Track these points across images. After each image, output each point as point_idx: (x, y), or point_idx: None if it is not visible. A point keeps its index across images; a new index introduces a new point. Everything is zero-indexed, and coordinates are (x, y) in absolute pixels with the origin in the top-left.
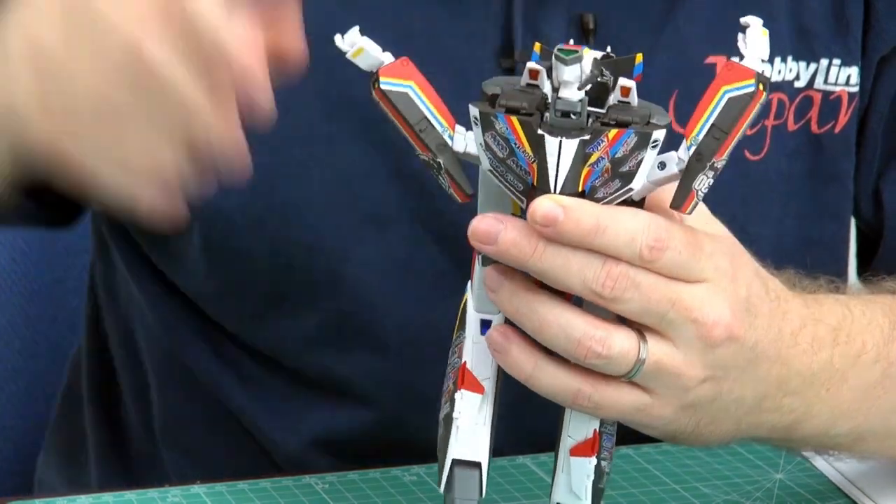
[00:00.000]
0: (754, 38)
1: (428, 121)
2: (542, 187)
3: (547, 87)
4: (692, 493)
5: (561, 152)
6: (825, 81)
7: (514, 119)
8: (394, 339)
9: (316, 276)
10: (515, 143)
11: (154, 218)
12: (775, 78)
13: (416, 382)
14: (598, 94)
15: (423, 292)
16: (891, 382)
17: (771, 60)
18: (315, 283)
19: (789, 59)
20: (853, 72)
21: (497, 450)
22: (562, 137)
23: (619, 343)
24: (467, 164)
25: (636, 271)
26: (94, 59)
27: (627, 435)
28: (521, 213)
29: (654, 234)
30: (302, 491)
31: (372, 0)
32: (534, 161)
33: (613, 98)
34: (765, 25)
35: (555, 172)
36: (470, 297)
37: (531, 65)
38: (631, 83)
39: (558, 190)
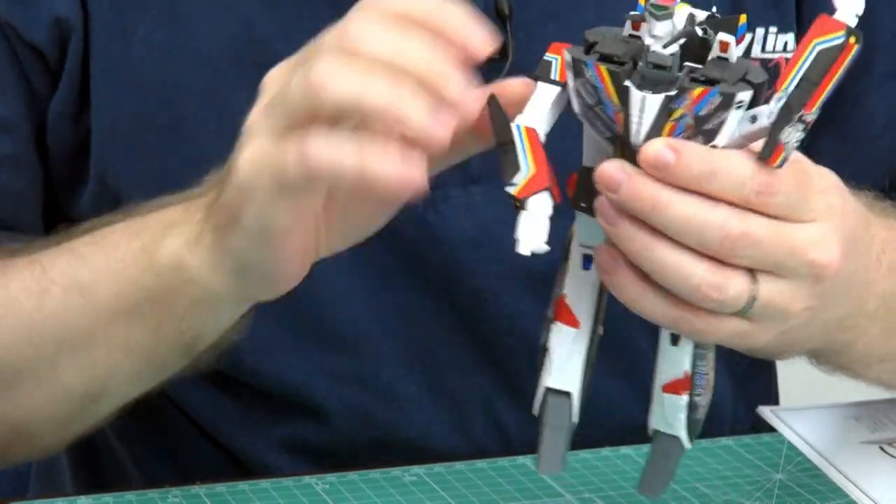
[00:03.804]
0: None
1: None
2: (626, 137)
3: (648, 38)
4: (692, 493)
5: (645, 106)
6: (762, 50)
7: (603, 68)
8: (348, 337)
9: None
10: (603, 92)
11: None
12: None
13: (377, 379)
14: (698, 50)
15: (370, 287)
16: None
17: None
18: None
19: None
20: (790, 38)
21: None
22: (646, 92)
23: (734, 288)
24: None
25: (753, 226)
26: None
27: (628, 435)
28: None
29: (764, 178)
30: (302, 491)
31: (290, 6)
32: (620, 111)
33: (713, 54)
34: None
35: (637, 126)
36: (576, 228)
37: (633, 14)
38: (730, 38)
39: (640, 142)
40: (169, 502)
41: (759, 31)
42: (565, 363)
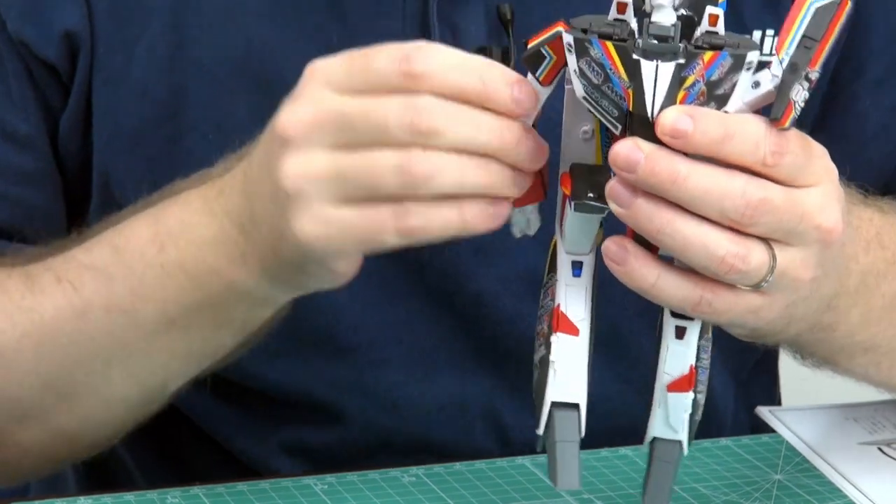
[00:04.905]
0: None
1: None
2: (638, 112)
3: (633, 22)
4: (691, 493)
5: (658, 76)
6: (760, 53)
7: (609, 44)
8: (350, 343)
9: None
10: (610, 69)
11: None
12: None
13: (378, 384)
14: (684, 28)
15: (372, 294)
16: None
17: None
18: None
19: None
20: None
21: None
22: (658, 61)
23: (756, 257)
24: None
25: (770, 192)
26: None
27: (626, 436)
28: (607, 143)
29: (776, 138)
30: (301, 492)
31: (292, 18)
32: (629, 86)
33: (700, 30)
34: None
35: (651, 97)
36: (560, 239)
37: None
38: (719, 10)
39: (655, 113)
40: (168, 503)
41: (757, 34)
42: (570, 374)
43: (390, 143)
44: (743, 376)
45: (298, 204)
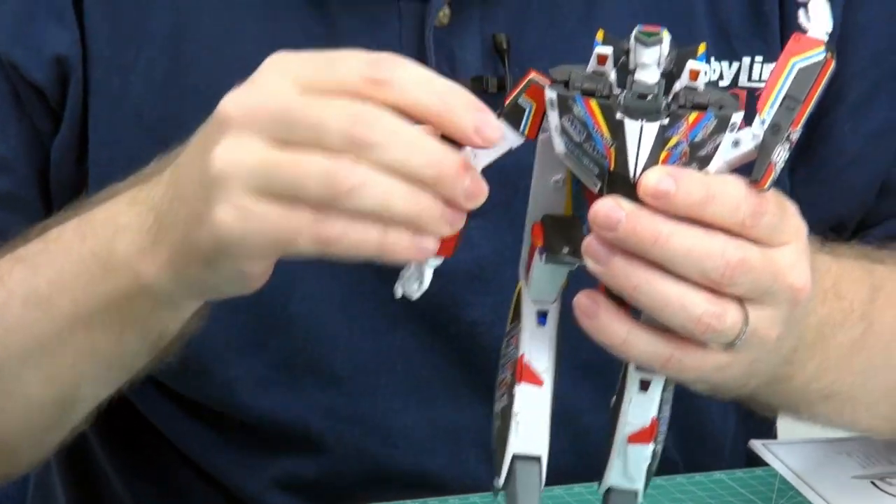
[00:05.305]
0: (817, 12)
1: None
2: (620, 171)
3: (612, 74)
4: None
5: (641, 136)
6: (749, 79)
7: (593, 102)
8: (344, 371)
9: (263, 316)
10: (593, 127)
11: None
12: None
13: (372, 413)
14: (665, 83)
15: (368, 322)
16: (868, 343)
17: None
18: (262, 323)
19: (712, 59)
20: None
21: None
22: (643, 121)
23: (731, 317)
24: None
25: (748, 253)
26: None
27: None
28: (578, 197)
29: (755, 200)
30: None
31: (290, 47)
32: (612, 145)
33: (680, 84)
34: (684, 27)
35: (634, 157)
36: (525, 287)
37: (600, 49)
38: (699, 65)
39: (637, 174)
40: None
41: (746, 60)
42: (533, 426)
43: (325, 148)
44: (745, 407)
45: (222, 189)
